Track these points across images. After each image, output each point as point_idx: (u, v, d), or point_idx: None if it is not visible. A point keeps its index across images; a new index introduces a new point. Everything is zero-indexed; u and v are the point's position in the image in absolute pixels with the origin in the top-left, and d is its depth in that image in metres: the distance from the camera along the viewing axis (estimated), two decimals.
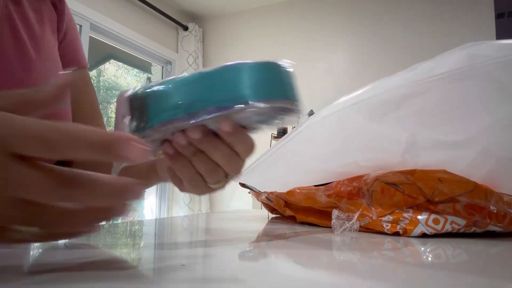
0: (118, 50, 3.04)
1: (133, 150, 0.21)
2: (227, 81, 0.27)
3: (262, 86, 0.27)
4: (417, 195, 0.42)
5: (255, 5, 3.43)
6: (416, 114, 0.47)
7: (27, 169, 0.20)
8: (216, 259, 0.30)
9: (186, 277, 0.23)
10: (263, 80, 0.28)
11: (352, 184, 0.49)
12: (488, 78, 0.43)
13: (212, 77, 0.28)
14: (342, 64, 3.07)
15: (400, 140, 0.46)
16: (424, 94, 0.46)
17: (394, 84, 0.49)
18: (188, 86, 0.27)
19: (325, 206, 0.52)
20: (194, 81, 0.27)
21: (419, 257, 0.34)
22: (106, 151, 0.21)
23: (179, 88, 0.27)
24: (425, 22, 2.86)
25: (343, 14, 3.14)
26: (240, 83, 0.27)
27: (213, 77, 0.28)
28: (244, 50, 3.43)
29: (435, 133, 0.45)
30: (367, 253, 0.34)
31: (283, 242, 0.41)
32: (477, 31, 2.68)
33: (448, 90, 0.45)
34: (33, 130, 0.20)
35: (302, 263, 0.30)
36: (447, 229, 0.42)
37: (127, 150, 0.21)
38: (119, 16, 2.91)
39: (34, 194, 0.20)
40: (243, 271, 0.26)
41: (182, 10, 3.52)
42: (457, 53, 0.47)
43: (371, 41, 3.01)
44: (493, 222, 0.41)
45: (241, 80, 0.27)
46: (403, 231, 0.43)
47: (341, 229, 0.44)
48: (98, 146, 0.21)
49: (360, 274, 0.27)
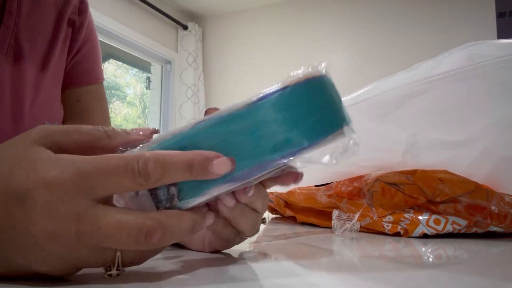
0: (118, 50, 3.04)
1: (220, 165, 0.21)
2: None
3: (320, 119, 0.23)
4: (418, 195, 0.42)
5: (255, 4, 3.43)
6: (416, 114, 0.47)
7: (111, 219, 0.20)
8: (216, 259, 0.29)
9: (186, 277, 0.23)
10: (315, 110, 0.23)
11: (353, 184, 0.48)
12: (489, 78, 0.43)
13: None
14: (342, 64, 3.07)
15: (401, 140, 0.46)
16: (425, 94, 0.46)
17: (395, 84, 0.49)
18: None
19: (325, 207, 0.52)
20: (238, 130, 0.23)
21: (420, 257, 0.33)
22: (196, 171, 0.21)
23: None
24: (426, 22, 2.86)
25: (343, 14, 3.14)
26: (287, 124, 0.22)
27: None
28: (244, 49, 3.43)
29: (436, 133, 0.45)
30: (368, 254, 0.34)
31: (283, 242, 0.41)
32: (478, 30, 2.67)
33: (449, 90, 0.45)
34: (121, 167, 0.20)
35: (302, 263, 0.30)
36: (448, 230, 0.42)
37: (216, 166, 0.21)
38: (119, 15, 2.90)
39: (122, 244, 0.20)
40: (243, 271, 0.25)
41: (181, 10, 3.52)
42: (458, 53, 0.47)
43: (371, 41, 3.01)
44: (494, 222, 0.41)
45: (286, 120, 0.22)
46: (404, 232, 0.42)
47: (342, 229, 0.44)
48: (185, 168, 0.21)
49: (361, 274, 0.26)
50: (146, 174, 0.20)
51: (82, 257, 0.20)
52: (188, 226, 0.22)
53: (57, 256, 0.20)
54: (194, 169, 0.21)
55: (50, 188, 0.19)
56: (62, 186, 0.19)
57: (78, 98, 0.54)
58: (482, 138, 0.43)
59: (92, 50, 0.56)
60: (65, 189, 0.19)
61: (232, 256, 0.31)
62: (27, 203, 0.19)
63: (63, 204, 0.19)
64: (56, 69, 0.50)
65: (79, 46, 0.53)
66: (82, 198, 0.19)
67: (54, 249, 0.19)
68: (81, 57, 0.54)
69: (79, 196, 0.19)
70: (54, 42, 0.49)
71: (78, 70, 0.54)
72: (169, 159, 0.21)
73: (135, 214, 0.20)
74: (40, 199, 0.19)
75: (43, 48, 0.48)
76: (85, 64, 0.55)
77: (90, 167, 0.19)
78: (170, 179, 0.21)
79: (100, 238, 0.19)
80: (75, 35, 0.52)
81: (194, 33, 3.46)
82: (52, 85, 0.50)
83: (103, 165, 0.20)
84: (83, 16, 0.53)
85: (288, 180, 0.28)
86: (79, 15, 0.53)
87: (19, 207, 0.19)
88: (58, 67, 0.51)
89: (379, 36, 2.99)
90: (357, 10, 3.09)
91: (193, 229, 0.22)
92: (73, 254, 0.20)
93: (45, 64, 0.48)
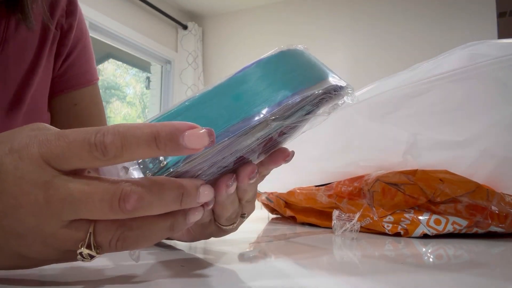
0: (117, 49, 3.04)
1: (193, 137, 0.19)
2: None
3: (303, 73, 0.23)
4: (419, 196, 0.42)
5: (255, 4, 3.43)
6: (417, 114, 0.47)
7: (82, 185, 0.19)
8: (216, 259, 0.29)
9: (185, 278, 0.23)
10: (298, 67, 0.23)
11: (353, 184, 0.48)
12: (489, 77, 0.43)
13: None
14: (342, 64, 3.07)
15: (401, 140, 0.46)
16: (425, 94, 0.46)
17: (395, 84, 0.49)
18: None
19: (325, 207, 0.52)
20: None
21: (420, 258, 0.33)
22: (164, 144, 0.19)
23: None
24: (426, 22, 2.85)
25: (343, 14, 3.14)
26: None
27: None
28: (244, 49, 3.43)
29: (437, 133, 0.45)
30: (368, 254, 0.34)
31: (283, 242, 0.41)
32: (478, 30, 2.67)
33: (450, 90, 0.45)
34: (79, 139, 0.19)
35: (302, 264, 0.29)
36: (448, 230, 0.41)
37: (188, 138, 0.19)
38: (118, 15, 2.90)
39: (95, 211, 0.19)
40: (243, 272, 0.25)
41: (181, 9, 3.52)
42: (459, 53, 0.47)
43: (372, 41, 3.01)
44: (494, 222, 0.41)
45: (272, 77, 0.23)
46: (404, 232, 0.42)
47: (342, 229, 0.44)
48: (150, 140, 0.19)
49: (361, 275, 0.26)
50: (103, 147, 0.18)
51: (54, 231, 0.19)
52: (173, 195, 0.20)
53: (26, 226, 0.19)
54: (161, 142, 0.19)
55: (20, 156, 0.19)
56: (29, 156, 0.19)
57: (74, 101, 0.54)
58: (483, 138, 0.43)
59: (84, 51, 0.55)
60: (31, 158, 0.19)
61: (232, 256, 0.31)
62: (0, 170, 0.19)
63: (29, 171, 0.19)
64: (42, 79, 0.49)
65: (69, 49, 0.52)
66: (47, 167, 0.19)
67: (23, 217, 0.19)
68: (73, 60, 0.53)
69: (45, 166, 0.19)
70: (40, 55, 0.48)
71: (71, 73, 0.53)
72: (131, 131, 0.19)
73: (110, 180, 0.19)
74: (10, 166, 0.19)
75: (29, 61, 0.47)
76: (78, 66, 0.54)
77: (53, 137, 0.19)
78: (132, 154, 0.19)
79: (71, 205, 0.19)
80: (63, 39, 0.51)
81: (194, 32, 3.46)
82: (38, 96, 0.49)
83: (63, 137, 0.19)
84: (72, 18, 0.52)
85: (278, 159, 0.27)
86: (67, 18, 0.51)
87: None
88: (45, 76, 0.50)
89: (379, 36, 2.99)
90: (357, 10, 3.09)
91: (180, 200, 0.20)
92: (44, 227, 0.19)
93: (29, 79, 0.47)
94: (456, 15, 2.77)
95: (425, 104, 0.46)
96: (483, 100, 0.44)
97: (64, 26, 0.51)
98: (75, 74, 0.54)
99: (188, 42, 3.45)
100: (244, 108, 0.22)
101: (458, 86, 0.44)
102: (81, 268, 0.25)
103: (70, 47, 0.52)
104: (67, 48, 0.52)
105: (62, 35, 0.51)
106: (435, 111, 0.46)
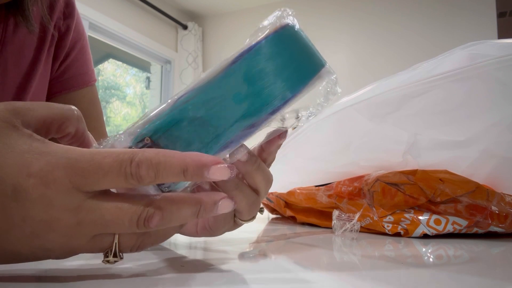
0: (117, 49, 3.04)
1: (217, 172, 0.21)
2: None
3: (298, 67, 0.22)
4: (419, 196, 0.42)
5: (255, 4, 3.43)
6: (417, 114, 0.47)
7: (112, 207, 0.20)
8: (216, 259, 0.29)
9: (185, 277, 0.23)
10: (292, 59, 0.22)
11: (353, 184, 0.48)
12: (489, 77, 0.43)
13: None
14: (342, 64, 3.07)
15: (401, 140, 0.46)
16: (426, 94, 0.46)
17: (395, 84, 0.49)
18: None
19: (325, 207, 0.52)
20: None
21: (420, 258, 0.33)
22: (190, 176, 0.21)
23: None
24: (426, 22, 2.86)
25: (344, 14, 3.14)
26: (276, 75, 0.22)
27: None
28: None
29: (437, 133, 0.45)
30: (368, 254, 0.34)
31: (283, 242, 0.41)
32: (478, 30, 2.67)
33: (450, 90, 0.45)
34: (115, 170, 0.20)
35: (302, 264, 0.29)
36: (448, 230, 0.41)
37: (212, 173, 0.21)
38: (118, 15, 2.90)
39: (123, 229, 0.21)
40: (243, 272, 0.25)
41: (181, 9, 3.52)
42: (458, 53, 0.47)
43: (372, 41, 3.01)
44: (494, 222, 0.41)
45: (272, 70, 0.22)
46: (404, 232, 0.42)
47: (342, 229, 0.44)
48: (179, 172, 0.21)
49: (361, 275, 0.26)
50: (138, 177, 0.20)
51: (81, 245, 0.20)
52: (191, 211, 0.22)
53: (56, 244, 0.20)
54: (188, 174, 0.21)
55: (44, 183, 0.19)
56: (56, 182, 0.19)
57: (72, 103, 0.54)
58: (483, 138, 0.43)
59: (81, 53, 0.55)
60: (60, 184, 0.19)
61: (232, 256, 0.31)
62: (22, 196, 0.19)
63: (58, 197, 0.19)
64: (40, 80, 0.49)
65: (67, 51, 0.52)
66: (77, 192, 0.19)
67: (53, 238, 0.20)
68: (71, 61, 0.53)
69: (74, 191, 0.19)
70: (38, 57, 0.48)
71: (69, 75, 0.53)
72: (162, 163, 0.21)
73: (136, 201, 0.21)
74: (34, 193, 0.19)
75: (27, 64, 0.47)
76: (76, 68, 0.54)
77: (84, 164, 0.19)
78: (163, 181, 0.21)
79: (103, 225, 0.20)
80: (61, 41, 0.51)
81: (194, 32, 3.46)
82: (36, 98, 0.49)
83: (96, 163, 0.20)
84: (69, 20, 0.52)
85: (274, 141, 0.28)
86: (64, 20, 0.51)
87: (14, 201, 0.19)
88: (43, 77, 0.50)
89: (380, 36, 2.99)
90: (358, 10, 3.09)
91: (197, 214, 0.22)
92: (72, 242, 0.20)
93: (27, 81, 0.47)
94: (456, 15, 2.77)
95: (425, 104, 0.46)
96: (483, 100, 0.44)
97: (62, 28, 0.51)
98: (73, 76, 0.54)
99: (188, 42, 3.45)
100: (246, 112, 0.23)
101: (458, 86, 0.44)
102: (79, 265, 0.25)
103: (68, 49, 0.53)
104: (65, 50, 0.52)
105: (60, 37, 0.51)
106: (435, 111, 0.46)
